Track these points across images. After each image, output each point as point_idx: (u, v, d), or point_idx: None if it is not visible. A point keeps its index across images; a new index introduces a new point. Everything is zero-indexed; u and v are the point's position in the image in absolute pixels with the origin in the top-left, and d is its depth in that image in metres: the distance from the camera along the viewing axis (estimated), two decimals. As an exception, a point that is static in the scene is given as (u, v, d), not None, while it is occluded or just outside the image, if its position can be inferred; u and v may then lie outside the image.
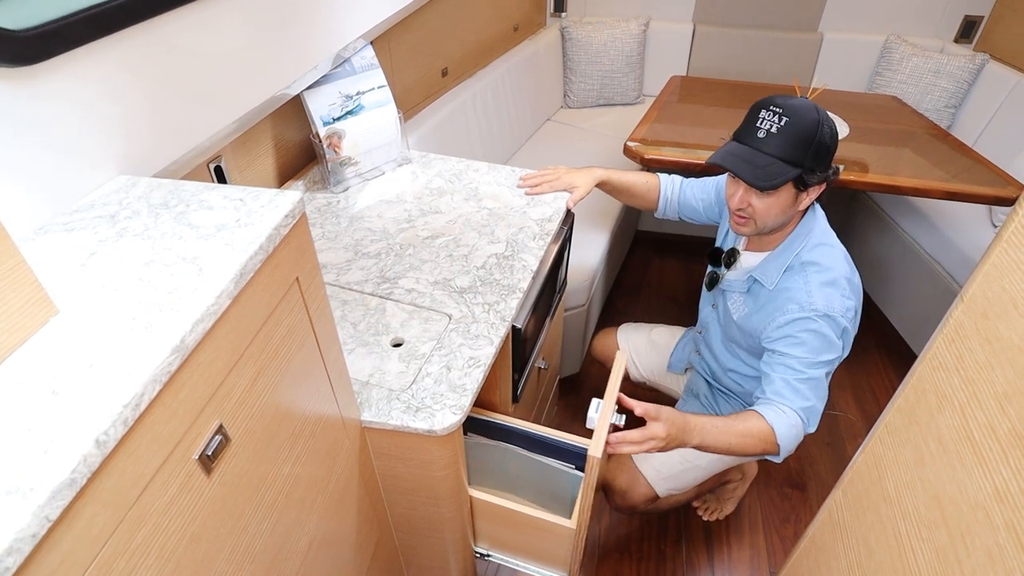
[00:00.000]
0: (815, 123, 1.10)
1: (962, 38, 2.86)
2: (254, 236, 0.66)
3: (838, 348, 1.16)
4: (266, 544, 0.76)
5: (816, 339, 1.14)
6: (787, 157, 1.11)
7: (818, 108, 1.12)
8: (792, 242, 1.23)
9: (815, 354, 1.15)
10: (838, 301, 1.15)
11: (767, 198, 1.16)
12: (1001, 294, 0.56)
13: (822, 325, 1.14)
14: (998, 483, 0.54)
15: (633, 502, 1.49)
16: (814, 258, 1.18)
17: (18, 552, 0.40)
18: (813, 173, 1.12)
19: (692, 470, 1.49)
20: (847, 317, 1.15)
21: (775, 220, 1.20)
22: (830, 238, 1.22)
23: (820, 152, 1.11)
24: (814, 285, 1.16)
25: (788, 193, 1.15)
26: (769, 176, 1.12)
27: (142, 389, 0.50)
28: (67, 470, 0.44)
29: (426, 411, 0.99)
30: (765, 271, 1.25)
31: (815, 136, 1.09)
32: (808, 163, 1.11)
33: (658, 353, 1.71)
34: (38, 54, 0.70)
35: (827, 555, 0.91)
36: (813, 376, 1.15)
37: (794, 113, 1.10)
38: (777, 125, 1.11)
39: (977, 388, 0.58)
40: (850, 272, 1.20)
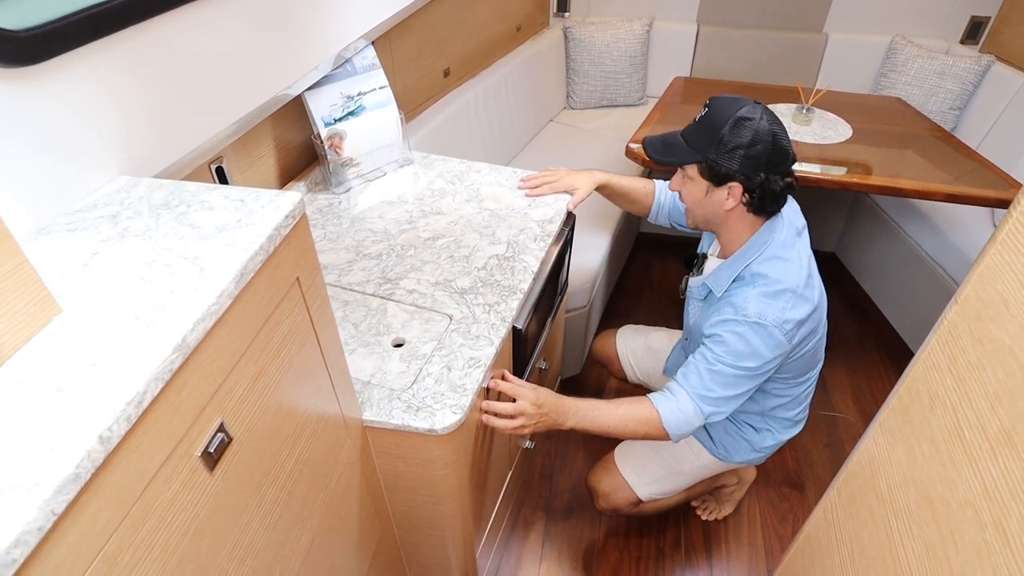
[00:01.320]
0: (726, 119, 1.13)
1: (968, 39, 2.85)
2: (255, 236, 0.67)
3: (766, 356, 1.16)
4: (268, 540, 0.77)
5: (739, 342, 1.16)
6: (692, 143, 1.19)
7: (741, 110, 1.13)
8: (744, 253, 1.23)
9: (734, 356, 1.17)
10: (774, 312, 1.14)
11: (687, 184, 1.24)
12: (994, 296, 0.57)
13: (748, 331, 1.15)
14: (987, 481, 0.54)
15: (615, 504, 1.52)
16: (763, 270, 1.19)
17: (25, 544, 0.41)
18: (718, 165, 1.15)
19: (675, 476, 1.50)
20: (784, 328, 1.14)
21: (700, 212, 1.25)
22: (787, 252, 1.20)
23: (730, 148, 1.13)
24: (753, 295, 1.16)
25: (699, 184, 1.20)
26: (664, 153, 1.23)
27: (144, 387, 0.51)
28: (72, 465, 0.45)
29: (427, 411, 0.99)
30: (717, 279, 1.27)
31: (721, 128, 1.13)
32: (710, 153, 1.15)
33: (653, 357, 1.72)
34: (38, 54, 0.71)
35: (821, 553, 0.91)
36: (722, 371, 1.18)
37: (714, 106, 1.17)
38: (700, 115, 1.19)
39: (969, 388, 0.59)
40: (804, 285, 1.17)
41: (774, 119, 1.14)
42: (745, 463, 1.50)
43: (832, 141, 2.12)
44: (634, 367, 1.76)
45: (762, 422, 1.42)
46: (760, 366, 1.18)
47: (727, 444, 1.45)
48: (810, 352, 1.27)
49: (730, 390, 1.19)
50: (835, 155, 2.03)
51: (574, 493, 1.93)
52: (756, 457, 1.47)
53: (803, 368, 1.32)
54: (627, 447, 1.54)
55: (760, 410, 1.39)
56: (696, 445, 1.48)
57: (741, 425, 1.44)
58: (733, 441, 1.44)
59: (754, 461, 1.50)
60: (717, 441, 1.45)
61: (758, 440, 1.43)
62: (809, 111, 2.24)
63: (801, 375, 1.34)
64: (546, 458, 2.02)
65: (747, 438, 1.43)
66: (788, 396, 1.37)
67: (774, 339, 1.15)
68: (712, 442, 1.46)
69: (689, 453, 1.48)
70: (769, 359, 1.17)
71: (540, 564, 1.75)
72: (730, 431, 1.44)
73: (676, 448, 1.49)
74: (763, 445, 1.43)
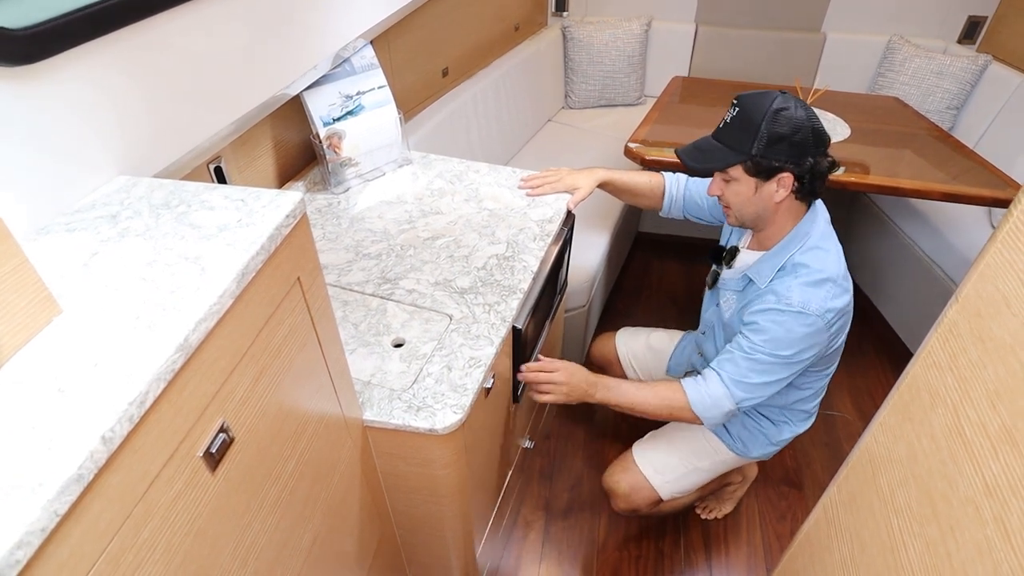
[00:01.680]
0: (762, 112, 1.13)
1: (965, 39, 2.86)
2: (256, 236, 0.67)
3: (806, 344, 1.18)
4: (270, 540, 0.77)
5: (780, 330, 1.17)
6: (731, 144, 1.18)
7: (776, 101, 1.13)
8: (788, 243, 1.24)
9: (772, 344, 1.18)
10: (818, 301, 1.15)
11: (732, 186, 1.22)
12: (994, 294, 0.57)
13: (790, 319, 1.16)
14: (987, 478, 0.54)
15: (636, 505, 1.50)
16: (805, 260, 1.20)
17: (28, 545, 0.41)
18: (766, 160, 1.15)
19: (695, 473, 1.50)
20: (826, 318, 1.16)
21: (745, 209, 1.23)
22: (827, 243, 1.22)
23: (772, 140, 1.14)
24: (796, 284, 1.17)
25: (747, 182, 1.19)
26: (706, 159, 1.21)
27: (147, 387, 0.51)
28: (74, 466, 0.45)
29: (427, 410, 0.99)
30: (759, 270, 1.27)
31: (760, 123, 1.13)
32: (756, 149, 1.14)
33: (656, 357, 1.72)
34: (37, 53, 0.71)
35: (821, 551, 0.92)
36: (760, 359, 1.19)
37: (745, 104, 1.16)
38: (731, 115, 1.18)
39: (969, 386, 0.59)
40: (842, 275, 1.20)
41: (805, 105, 1.16)
42: (761, 457, 1.51)
43: (831, 141, 2.12)
44: (636, 368, 1.76)
45: (780, 415, 1.43)
46: (797, 354, 1.18)
47: (745, 438, 1.46)
48: (841, 344, 1.29)
49: (765, 377, 1.20)
50: (834, 154, 2.02)
51: (574, 493, 1.93)
52: (771, 450, 1.48)
53: (830, 360, 1.34)
54: (645, 445, 1.54)
55: (783, 403, 1.40)
56: (715, 440, 1.48)
57: (759, 419, 1.45)
58: (751, 435, 1.45)
59: (769, 455, 1.51)
60: (735, 436, 1.46)
61: (776, 433, 1.44)
62: (807, 110, 2.24)
63: (827, 367, 1.36)
64: (546, 458, 2.02)
65: (765, 431, 1.44)
66: (811, 389, 1.38)
67: (815, 328, 1.16)
68: (731, 436, 1.47)
69: (708, 448, 1.49)
70: (807, 348, 1.18)
71: (540, 564, 1.75)
72: (748, 425, 1.45)
73: (695, 444, 1.49)
74: (780, 438, 1.45)
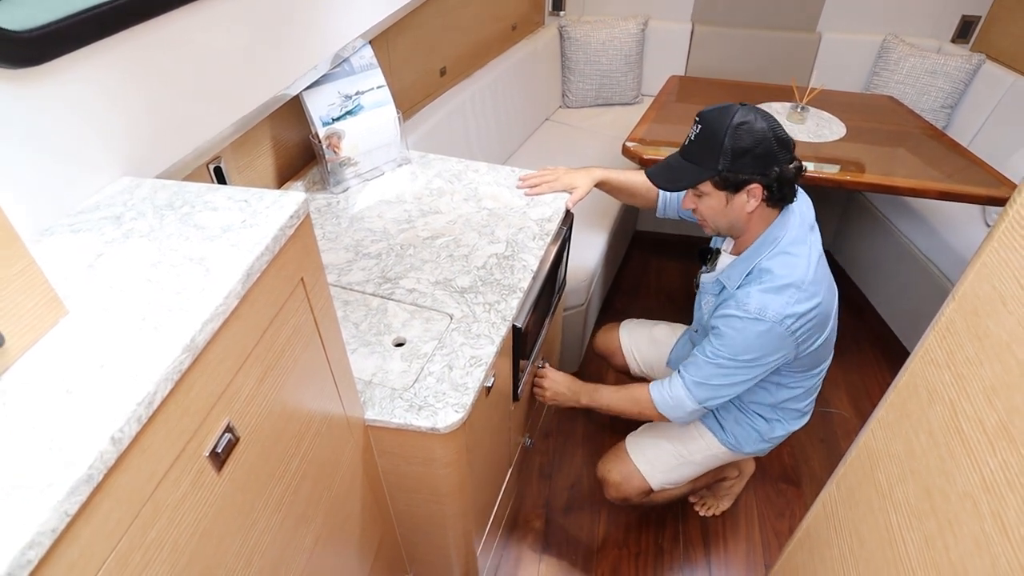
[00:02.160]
0: (724, 128, 1.14)
1: (959, 38, 2.88)
2: (260, 237, 0.67)
3: (766, 349, 1.21)
4: (274, 540, 0.77)
5: (738, 336, 1.20)
6: (698, 161, 1.19)
7: (736, 115, 1.14)
8: (757, 248, 1.25)
9: (730, 349, 1.22)
10: (776, 307, 1.17)
11: (703, 200, 1.24)
12: (991, 292, 0.58)
13: (747, 325, 1.19)
14: (985, 473, 0.55)
15: (627, 494, 1.53)
16: (770, 266, 1.21)
17: (39, 546, 0.42)
18: (733, 174, 1.16)
19: (686, 465, 1.52)
20: (785, 323, 1.17)
21: (719, 221, 1.26)
22: (796, 248, 1.22)
23: (736, 154, 1.15)
24: (756, 291, 1.19)
25: (717, 196, 1.21)
26: (674, 180, 1.24)
27: (155, 388, 0.51)
28: (84, 466, 0.45)
29: (429, 409, 1.00)
30: (731, 275, 1.29)
31: (723, 139, 1.14)
32: (722, 165, 1.16)
33: (657, 349, 1.73)
34: (40, 55, 0.71)
35: (821, 546, 0.92)
36: (720, 363, 1.24)
37: (707, 121, 1.18)
38: (695, 133, 1.20)
39: (966, 383, 0.60)
40: (810, 281, 1.19)
41: (765, 115, 1.17)
42: (754, 453, 1.52)
43: (826, 139, 2.13)
44: (637, 359, 1.78)
45: (772, 413, 1.44)
46: (757, 359, 1.21)
47: (738, 434, 1.46)
48: (821, 346, 1.29)
49: (727, 379, 1.25)
50: (830, 153, 2.04)
51: (573, 491, 1.93)
52: (765, 447, 1.50)
53: (815, 361, 1.35)
54: (639, 437, 1.56)
55: (772, 402, 1.41)
56: (707, 435, 1.50)
57: (752, 416, 1.45)
58: (744, 431, 1.46)
59: (762, 451, 1.52)
60: (728, 431, 1.47)
61: (768, 430, 1.45)
62: (804, 110, 2.25)
63: (813, 367, 1.37)
64: (545, 456, 2.03)
65: (757, 428, 1.45)
66: (801, 388, 1.40)
67: (774, 333, 1.18)
68: (724, 432, 1.48)
69: (700, 442, 1.50)
70: (768, 352, 1.21)
71: (540, 562, 1.75)
72: (741, 421, 1.46)
73: (687, 437, 1.51)
74: (773, 435, 1.46)
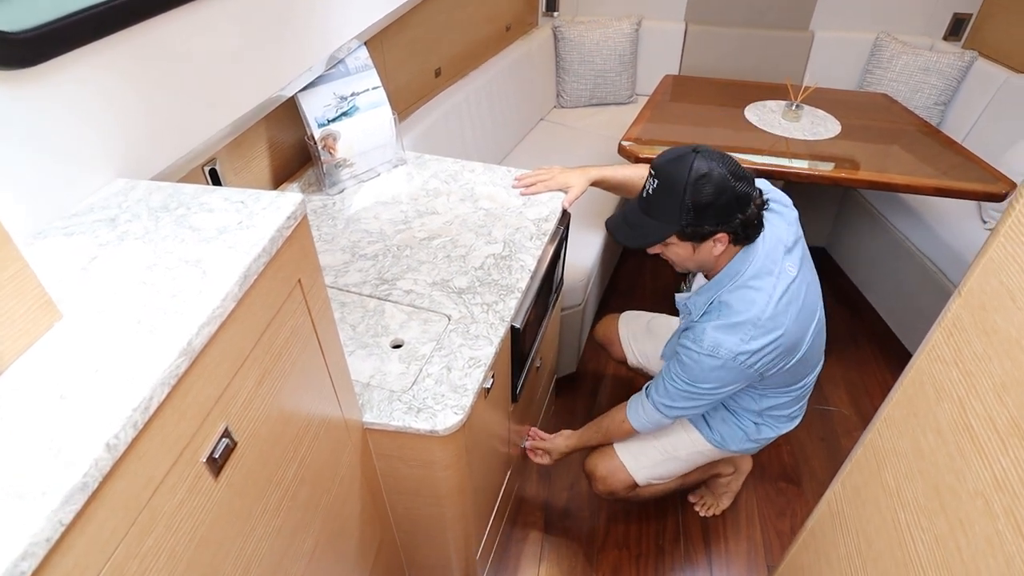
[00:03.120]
0: (682, 184, 1.11)
1: (951, 36, 2.89)
2: (257, 238, 0.66)
3: (719, 382, 1.22)
4: (272, 546, 0.76)
5: (695, 367, 1.22)
6: (659, 217, 1.17)
7: (693, 169, 1.10)
8: (720, 280, 1.24)
9: (690, 378, 1.24)
10: (729, 344, 1.16)
11: (670, 248, 1.22)
12: (999, 287, 0.57)
13: (703, 359, 1.20)
14: (997, 472, 0.55)
15: (612, 488, 1.53)
16: (730, 300, 1.19)
17: (33, 556, 0.40)
18: (696, 228, 1.14)
19: (671, 461, 1.52)
20: (738, 359, 1.17)
21: (692, 264, 1.25)
22: (759, 281, 1.18)
23: (698, 209, 1.11)
24: (711, 327, 1.18)
25: (683, 246, 1.19)
26: (637, 237, 1.21)
27: (150, 392, 0.50)
28: (79, 474, 0.44)
29: (427, 411, 0.99)
30: (696, 302, 1.29)
31: (682, 196, 1.11)
32: (684, 220, 1.13)
33: (653, 340, 1.73)
34: (35, 56, 0.70)
35: (827, 546, 0.92)
36: (682, 388, 1.26)
37: (664, 176, 1.14)
38: (652, 187, 1.17)
39: (975, 380, 0.59)
40: (768, 316, 1.16)
41: (723, 158, 1.12)
42: (741, 452, 1.52)
43: (821, 137, 2.13)
44: (634, 350, 1.77)
45: (759, 418, 1.43)
46: (715, 388, 1.24)
47: (724, 432, 1.46)
48: (795, 365, 1.26)
49: (690, 402, 1.29)
50: (825, 151, 2.04)
51: (572, 492, 1.92)
52: (752, 447, 1.49)
53: (793, 378, 1.34)
54: None
55: (757, 409, 1.41)
56: (694, 432, 1.49)
57: (740, 416, 1.45)
58: (730, 430, 1.45)
59: (750, 450, 1.51)
60: (714, 429, 1.47)
61: (755, 432, 1.44)
62: (798, 108, 2.25)
63: (793, 383, 1.36)
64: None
65: (744, 428, 1.45)
66: (785, 398, 1.39)
67: (727, 369, 1.19)
68: (710, 430, 1.47)
69: (686, 439, 1.49)
70: (725, 383, 1.23)
71: (540, 564, 1.74)
72: (728, 420, 1.45)
73: (673, 434, 1.51)
74: (759, 436, 1.45)
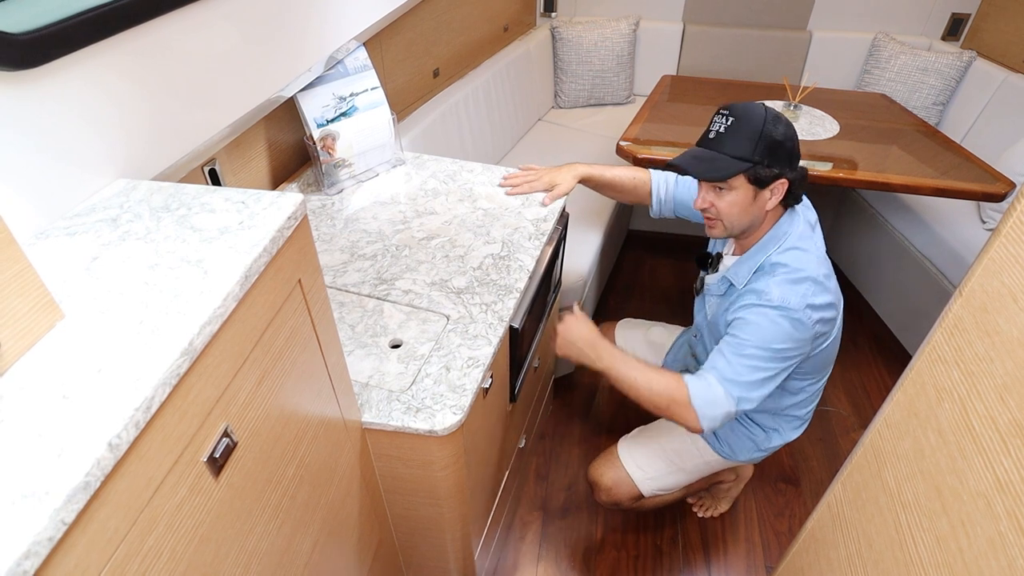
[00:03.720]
0: (761, 119, 1.14)
1: (949, 36, 2.90)
2: (258, 238, 0.66)
3: (793, 340, 1.16)
4: (272, 546, 0.76)
5: (766, 322, 1.15)
6: (735, 152, 1.16)
7: (768, 109, 1.16)
8: (765, 245, 1.24)
9: (759, 338, 1.16)
10: (797, 297, 1.15)
11: (727, 196, 1.19)
12: (1000, 288, 0.57)
13: (772, 313, 1.15)
14: (999, 473, 0.55)
15: (617, 498, 1.51)
16: (784, 260, 1.20)
17: (36, 556, 0.40)
18: (767, 168, 1.15)
19: (677, 473, 1.51)
20: (807, 313, 1.15)
21: (740, 219, 1.22)
22: (806, 243, 1.22)
23: (772, 147, 1.14)
24: (775, 282, 1.17)
25: (746, 190, 1.18)
26: (712, 170, 1.17)
27: (152, 392, 0.50)
28: (81, 473, 0.44)
29: (426, 411, 0.99)
30: (737, 272, 1.27)
31: (761, 130, 1.14)
32: (758, 157, 1.14)
33: (654, 352, 1.72)
34: (38, 58, 0.70)
35: (827, 547, 0.92)
36: (749, 353, 1.16)
37: (741, 113, 1.16)
38: (725, 125, 1.17)
39: (977, 380, 0.60)
40: (823, 275, 1.19)
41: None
42: (748, 462, 1.51)
43: (820, 137, 2.14)
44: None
45: (772, 421, 1.43)
46: (784, 350, 1.16)
47: (733, 443, 1.45)
48: (829, 348, 1.28)
49: (757, 374, 1.17)
50: (824, 151, 2.05)
51: (570, 492, 1.92)
52: (759, 456, 1.48)
53: (823, 363, 1.33)
54: (631, 441, 1.54)
55: (775, 409, 1.40)
56: (700, 442, 1.48)
57: (750, 425, 1.44)
58: (739, 440, 1.45)
59: (756, 460, 1.51)
60: (722, 439, 1.46)
61: (764, 440, 1.44)
62: (797, 108, 2.26)
63: (819, 371, 1.36)
64: (541, 458, 2.02)
65: (754, 438, 1.44)
66: (805, 393, 1.38)
67: (799, 322, 1.15)
68: (717, 440, 1.46)
69: (693, 450, 1.49)
70: (794, 343, 1.17)
71: (537, 564, 1.74)
72: (737, 431, 1.45)
73: (680, 444, 1.49)
74: (768, 445, 1.45)
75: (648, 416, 1.62)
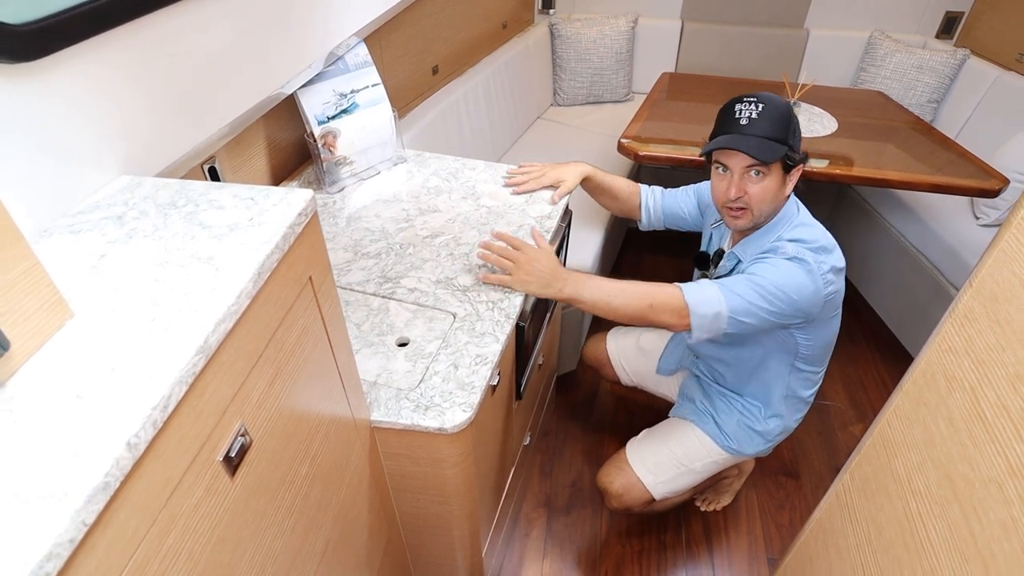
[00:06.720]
0: (786, 105, 1.19)
1: (943, 34, 2.91)
2: (269, 235, 0.65)
3: (800, 292, 1.15)
4: (286, 546, 0.76)
5: (782, 267, 1.16)
6: (773, 135, 1.17)
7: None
8: (774, 225, 1.26)
9: (774, 276, 1.16)
10: (812, 256, 1.17)
11: (761, 182, 1.19)
12: (1011, 278, 0.58)
13: (790, 263, 1.17)
14: (1011, 459, 0.55)
15: (628, 504, 1.51)
16: (797, 235, 1.22)
17: (57, 557, 0.40)
18: (795, 151, 1.19)
19: (688, 474, 1.50)
20: (822, 269, 1.17)
21: (769, 206, 1.22)
22: (812, 221, 1.27)
23: (796, 131, 1.19)
24: (791, 246, 1.20)
25: (778, 175, 1.20)
26: (770, 150, 1.16)
27: (169, 390, 0.50)
28: (100, 473, 0.43)
29: (436, 409, 0.99)
30: (745, 249, 1.29)
31: (790, 114, 1.18)
32: (790, 140, 1.18)
33: (646, 358, 1.72)
34: (39, 50, 0.69)
35: (835, 536, 0.92)
36: (758, 282, 1.16)
37: (767, 99, 1.18)
38: (756, 111, 1.18)
39: (988, 369, 0.60)
40: (832, 244, 1.23)
41: None
42: (754, 455, 1.52)
43: (819, 134, 2.14)
44: (626, 369, 1.77)
45: (782, 404, 1.43)
46: (791, 299, 1.15)
47: (739, 438, 1.46)
48: (833, 319, 1.30)
49: (760, 302, 1.16)
50: (823, 148, 2.05)
51: (574, 488, 1.93)
52: (765, 448, 1.49)
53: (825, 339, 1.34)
54: (639, 444, 1.54)
55: (785, 392, 1.40)
56: (707, 441, 1.48)
57: (752, 417, 1.45)
58: (745, 434, 1.45)
59: (762, 452, 1.52)
60: (731, 435, 1.46)
61: (768, 429, 1.44)
62: (796, 105, 2.26)
63: (821, 358, 1.38)
64: (545, 455, 2.02)
65: (757, 429, 1.44)
66: (814, 374, 1.40)
67: (812, 275, 1.16)
68: (723, 436, 1.47)
69: (701, 449, 1.48)
70: (803, 297, 1.16)
71: (543, 561, 1.74)
72: (742, 425, 1.46)
73: (689, 445, 1.49)
74: (773, 434, 1.45)
75: (652, 417, 1.63)
